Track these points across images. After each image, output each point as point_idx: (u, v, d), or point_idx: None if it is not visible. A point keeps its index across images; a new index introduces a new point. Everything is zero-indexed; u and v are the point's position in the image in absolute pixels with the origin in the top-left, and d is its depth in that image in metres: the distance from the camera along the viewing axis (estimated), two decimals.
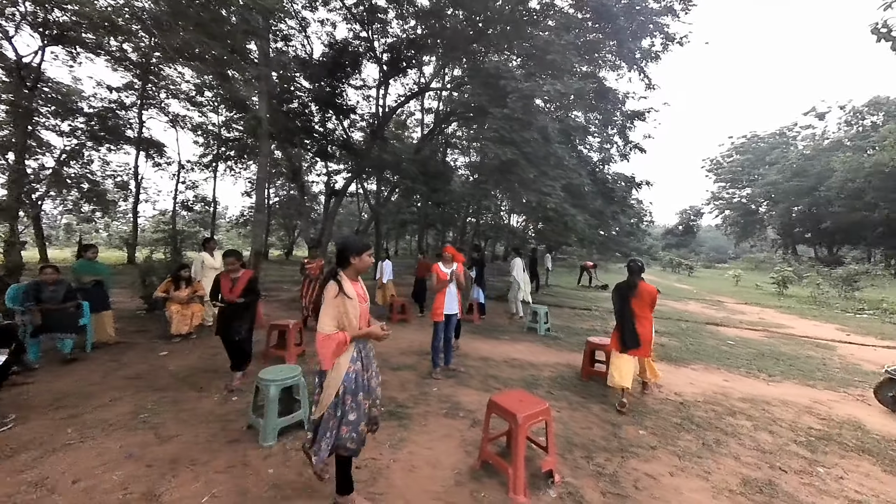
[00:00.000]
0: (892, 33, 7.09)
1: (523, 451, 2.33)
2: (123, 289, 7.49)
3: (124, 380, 3.89)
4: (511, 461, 2.35)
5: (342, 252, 2.07)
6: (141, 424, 2.98)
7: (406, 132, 21.11)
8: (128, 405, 3.30)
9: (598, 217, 8.63)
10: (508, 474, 2.32)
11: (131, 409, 3.22)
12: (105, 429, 2.89)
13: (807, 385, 4.61)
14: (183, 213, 21.06)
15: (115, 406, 3.29)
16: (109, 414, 3.13)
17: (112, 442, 2.71)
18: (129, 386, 3.73)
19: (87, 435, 2.79)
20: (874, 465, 2.86)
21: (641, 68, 9.60)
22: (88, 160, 16.65)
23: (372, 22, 10.81)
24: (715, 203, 45.51)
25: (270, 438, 2.75)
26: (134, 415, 3.13)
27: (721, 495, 2.41)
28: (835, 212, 28.23)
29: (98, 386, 3.71)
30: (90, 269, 5.00)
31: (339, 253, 2.09)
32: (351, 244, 2.08)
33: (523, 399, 2.58)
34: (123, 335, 5.37)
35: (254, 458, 2.59)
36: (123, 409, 3.24)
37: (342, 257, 2.07)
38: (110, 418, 3.05)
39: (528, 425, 2.39)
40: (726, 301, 12.97)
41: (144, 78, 15.31)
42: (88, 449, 2.62)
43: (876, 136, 25.83)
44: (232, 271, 3.71)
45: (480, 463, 2.57)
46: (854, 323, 9.13)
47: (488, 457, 2.54)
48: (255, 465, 2.51)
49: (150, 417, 3.09)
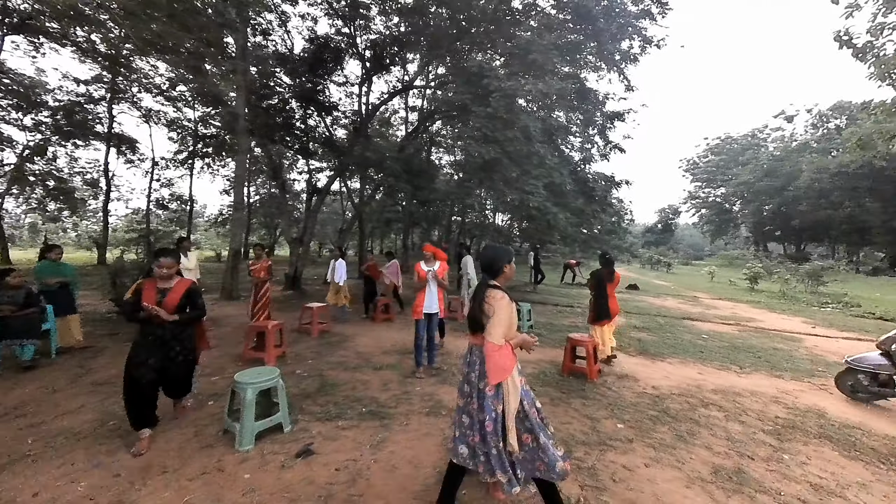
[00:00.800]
0: (853, 41, 7.49)
1: None
2: (93, 290, 7.17)
3: (92, 386, 3.72)
4: None
5: (494, 262, 2.05)
6: (109, 432, 2.85)
7: (390, 130, 20.94)
8: (95, 412, 3.16)
9: (580, 215, 8.80)
10: None
11: (98, 417, 3.08)
12: (69, 438, 2.76)
13: (775, 376, 4.83)
14: (158, 212, 20.31)
15: (81, 414, 3.14)
16: (75, 422, 2.99)
17: (77, 451, 2.59)
18: (96, 392, 3.57)
19: (49, 445, 2.66)
20: (834, 450, 3.02)
21: (621, 70, 9.82)
22: (54, 156, 15.84)
23: (354, 18, 10.66)
24: (692, 202, 47.12)
25: (247, 443, 2.68)
26: (102, 422, 3.00)
27: (694, 484, 2.49)
28: (802, 210, 29.68)
29: (63, 393, 3.54)
30: (54, 271, 4.75)
31: (490, 263, 2.06)
32: (502, 254, 2.08)
33: None
34: (92, 339, 5.14)
35: (229, 463, 2.52)
36: (90, 416, 3.09)
37: (495, 267, 2.05)
38: (75, 426, 2.92)
39: None
40: (702, 296, 13.44)
41: (114, 70, 14.60)
42: (51, 459, 2.49)
43: (840, 139, 27.27)
44: (163, 278, 2.74)
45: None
46: (819, 316, 9.61)
47: None
48: (231, 470, 2.44)
49: (119, 425, 2.96)
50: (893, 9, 6.91)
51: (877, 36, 7.42)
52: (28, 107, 13.47)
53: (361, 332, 6.40)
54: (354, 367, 4.56)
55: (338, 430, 3.00)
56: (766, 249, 38.32)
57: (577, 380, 4.33)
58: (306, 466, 2.51)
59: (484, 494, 2.29)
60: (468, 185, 9.80)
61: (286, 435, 2.89)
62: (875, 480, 2.62)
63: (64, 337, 4.66)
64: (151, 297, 2.67)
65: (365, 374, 4.30)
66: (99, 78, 15.11)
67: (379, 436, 2.92)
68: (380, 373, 4.36)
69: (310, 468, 2.49)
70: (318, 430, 2.98)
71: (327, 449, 2.73)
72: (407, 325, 6.85)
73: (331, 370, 4.41)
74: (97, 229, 21.17)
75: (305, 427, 3.02)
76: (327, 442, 2.82)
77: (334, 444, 2.79)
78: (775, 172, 32.46)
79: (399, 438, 2.91)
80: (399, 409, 3.42)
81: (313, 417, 3.19)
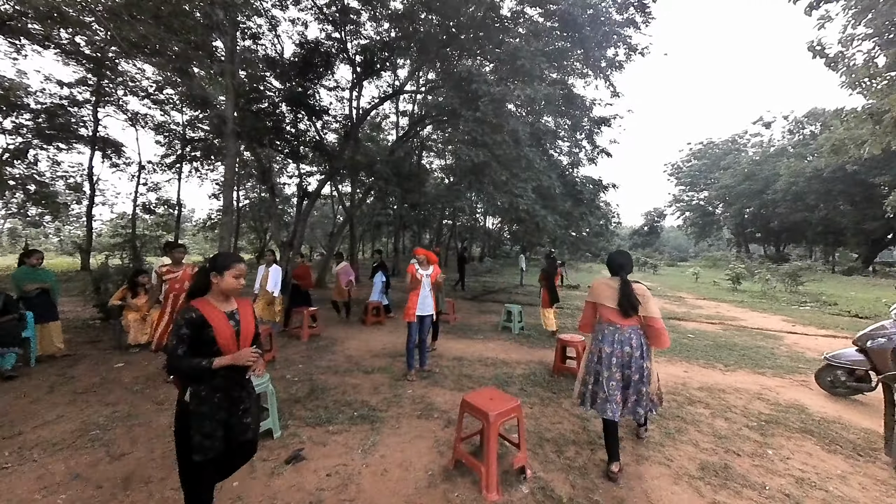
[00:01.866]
0: (826, 51, 7.81)
1: (495, 449, 2.36)
2: (75, 297, 6.96)
3: (72, 395, 3.61)
4: (483, 459, 2.37)
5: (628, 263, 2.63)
6: (90, 442, 2.77)
7: (381, 134, 20.94)
8: (75, 422, 3.07)
9: (568, 218, 8.91)
10: (481, 473, 2.34)
11: (79, 427, 2.99)
12: (48, 449, 2.67)
13: (757, 373, 4.95)
14: (144, 217, 19.84)
15: (60, 424, 3.04)
16: (54, 432, 2.90)
17: (56, 463, 2.51)
18: (77, 401, 3.47)
19: (26, 457, 2.57)
20: (815, 444, 3.11)
21: (607, 76, 10.03)
22: (35, 160, 15.38)
23: (345, 23, 10.68)
24: (676, 205, 48.13)
25: None
26: (82, 432, 2.91)
27: (681, 480, 2.54)
28: (781, 213, 30.57)
29: (42, 403, 3.42)
30: (33, 277, 4.61)
31: (626, 264, 2.63)
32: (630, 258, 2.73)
33: (494, 397, 2.61)
34: (74, 347, 5.00)
35: None
36: (70, 426, 3.00)
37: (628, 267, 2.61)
38: (55, 437, 2.82)
39: (499, 423, 2.41)
40: (687, 297, 13.70)
41: (99, 73, 14.30)
42: (28, 472, 2.41)
43: (814, 144, 28.27)
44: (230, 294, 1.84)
45: (454, 463, 2.58)
46: (798, 314, 9.88)
47: (461, 456, 2.55)
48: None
49: (100, 434, 2.88)
50: (862, 21, 7.25)
51: (847, 46, 7.76)
52: (8, 109, 13.06)
53: (351, 335, 6.35)
54: (345, 370, 4.52)
55: (328, 435, 2.97)
56: (747, 251, 39.33)
57: (567, 380, 4.37)
58: (296, 472, 2.48)
59: (477, 495, 2.30)
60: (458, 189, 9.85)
61: (276, 441, 2.85)
62: (854, 472, 2.71)
63: (44, 345, 4.52)
64: (226, 329, 1.73)
65: (355, 378, 4.27)
66: (83, 80, 14.74)
67: (370, 440, 2.90)
68: (370, 376, 4.34)
69: (300, 474, 2.46)
70: (308, 436, 2.94)
71: (317, 454, 2.70)
72: (397, 328, 6.83)
73: (321, 374, 4.36)
74: (81, 234, 20.57)
75: (295, 432, 2.98)
76: (317, 447, 2.79)
77: (324, 450, 2.76)
78: (755, 176, 33.41)
79: (390, 442, 2.89)
80: (390, 413, 3.40)
81: (303, 422, 3.15)
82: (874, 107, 7.92)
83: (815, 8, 7.45)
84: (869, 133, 8.48)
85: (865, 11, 7.10)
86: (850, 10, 7.30)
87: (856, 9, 7.20)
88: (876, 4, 6.91)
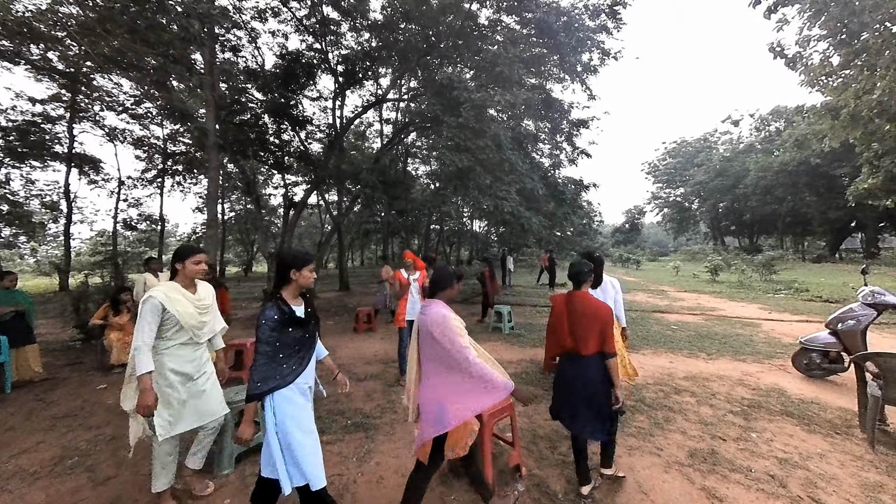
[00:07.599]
0: (785, 52, 8.25)
1: (490, 449, 2.38)
2: (54, 318, 6.70)
3: (51, 420, 3.47)
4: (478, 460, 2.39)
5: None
6: (70, 469, 2.66)
7: (366, 143, 20.96)
8: (55, 448, 2.95)
9: (552, 218, 9.08)
10: None
11: (59, 453, 2.88)
12: (26, 479, 2.55)
13: (738, 360, 5.12)
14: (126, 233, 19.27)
15: (39, 451, 2.92)
16: (32, 461, 2.78)
17: (35, 493, 2.41)
18: (57, 426, 3.34)
19: (2, 488, 2.46)
20: (796, 425, 3.23)
21: (583, 80, 10.34)
22: (7, 178, 14.81)
23: (325, 34, 10.72)
24: (655, 202, 49.50)
25: (227, 466, 2.59)
26: (61, 458, 2.80)
27: (672, 468, 2.61)
28: (752, 206, 31.81)
29: (19, 430, 3.28)
30: (7, 300, 4.43)
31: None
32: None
33: None
34: (53, 370, 4.81)
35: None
36: (50, 453, 2.89)
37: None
38: (33, 465, 2.71)
39: (493, 423, 2.44)
40: (668, 290, 14.04)
41: (74, 88, 13.91)
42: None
43: (779, 140, 29.62)
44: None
45: (449, 465, 2.59)
46: (773, 302, 10.25)
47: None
48: (209, 497, 2.35)
49: (82, 460, 2.78)
50: (817, 23, 7.71)
51: (804, 47, 8.23)
52: None
53: (342, 343, 6.29)
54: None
55: (322, 445, 2.93)
56: (723, 243, 40.64)
57: None
58: None
59: (474, 497, 2.31)
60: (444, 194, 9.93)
61: None
62: (832, 450, 2.84)
63: (21, 369, 4.34)
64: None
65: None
66: (57, 97, 14.31)
67: (364, 448, 2.89)
68: (363, 383, 4.31)
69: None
70: None
71: None
72: (389, 334, 6.80)
73: None
74: (58, 254, 19.79)
75: None
76: None
77: None
78: (726, 172, 34.71)
79: (385, 449, 2.89)
80: (384, 419, 3.39)
81: None
82: (831, 103, 8.39)
83: (773, 12, 7.89)
84: (828, 128, 8.97)
85: (819, 14, 7.56)
86: (805, 13, 7.76)
87: (810, 12, 7.66)
88: (828, 7, 7.36)
